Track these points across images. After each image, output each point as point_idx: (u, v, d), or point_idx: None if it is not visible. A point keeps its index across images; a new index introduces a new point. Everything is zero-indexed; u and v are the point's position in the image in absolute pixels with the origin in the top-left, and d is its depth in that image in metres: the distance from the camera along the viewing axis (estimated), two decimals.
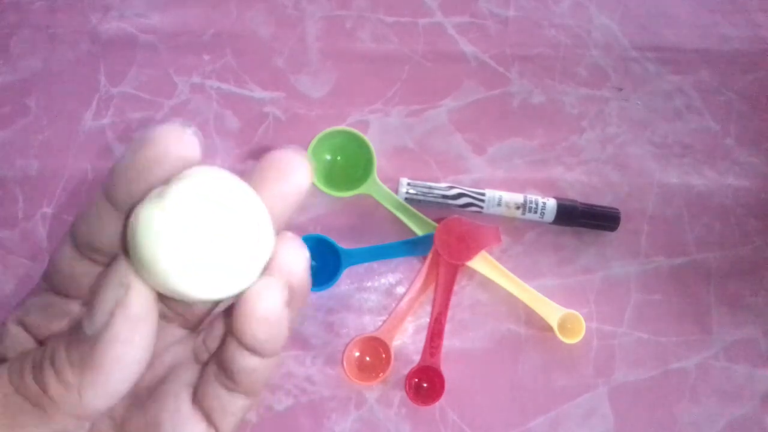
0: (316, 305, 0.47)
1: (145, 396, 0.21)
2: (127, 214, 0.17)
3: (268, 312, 0.17)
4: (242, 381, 0.19)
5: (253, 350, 0.18)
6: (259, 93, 0.51)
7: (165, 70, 0.51)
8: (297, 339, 0.46)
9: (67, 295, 0.20)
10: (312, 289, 0.47)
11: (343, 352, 0.45)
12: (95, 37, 0.52)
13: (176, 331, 0.22)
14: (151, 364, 0.19)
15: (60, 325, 0.20)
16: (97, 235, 0.18)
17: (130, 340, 0.16)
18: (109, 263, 0.18)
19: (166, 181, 0.17)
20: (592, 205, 0.49)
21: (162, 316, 0.22)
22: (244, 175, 0.19)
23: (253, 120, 0.51)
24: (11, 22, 0.52)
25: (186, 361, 0.21)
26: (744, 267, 0.50)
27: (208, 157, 0.53)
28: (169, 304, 0.21)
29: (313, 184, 0.47)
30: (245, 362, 0.18)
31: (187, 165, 0.17)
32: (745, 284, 0.49)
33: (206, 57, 0.52)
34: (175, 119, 0.18)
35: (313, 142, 0.46)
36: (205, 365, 0.21)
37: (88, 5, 0.53)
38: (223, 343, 0.19)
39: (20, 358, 0.18)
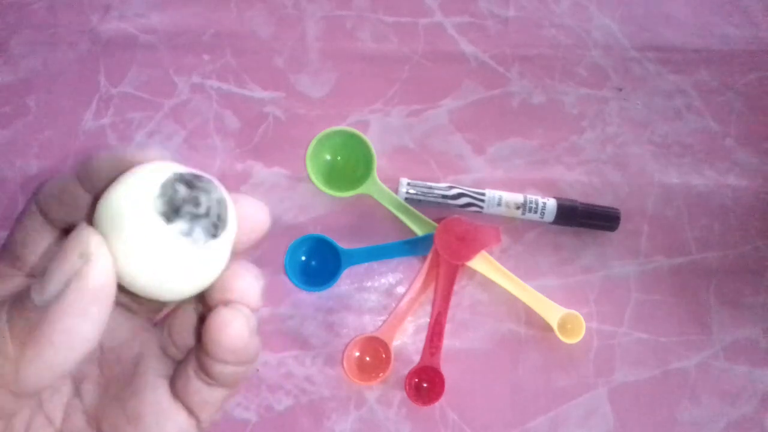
0: (316, 305, 0.47)
1: (116, 387, 0.21)
2: (95, 197, 0.17)
3: (236, 342, 0.18)
4: (221, 380, 0.19)
5: (227, 364, 0.19)
6: (259, 93, 0.51)
7: (165, 70, 0.51)
8: (297, 339, 0.46)
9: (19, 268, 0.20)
10: (312, 289, 0.47)
11: (343, 352, 0.45)
12: (95, 37, 0.52)
13: (141, 323, 0.22)
14: (120, 354, 0.20)
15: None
16: (67, 207, 0.19)
17: (84, 313, 0.15)
18: (68, 230, 0.17)
19: (133, 170, 0.17)
20: (592, 205, 0.49)
21: (126, 308, 0.22)
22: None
23: (253, 120, 0.51)
24: (11, 22, 0.52)
25: (155, 353, 0.21)
26: (744, 267, 0.50)
27: (208, 157, 0.54)
28: (133, 297, 0.21)
29: (313, 184, 0.47)
30: (221, 368, 0.19)
31: (159, 157, 0.18)
32: (745, 284, 0.49)
33: (206, 57, 0.52)
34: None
35: (313, 142, 0.46)
36: (179, 361, 0.21)
37: (88, 5, 0.53)
38: (199, 347, 0.19)
39: None
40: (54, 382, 0.17)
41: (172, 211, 0.16)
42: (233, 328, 0.17)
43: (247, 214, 0.19)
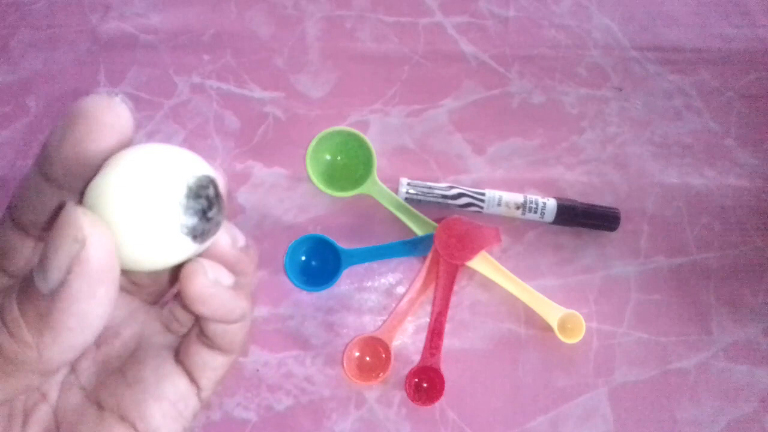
0: (316, 305, 0.47)
1: (116, 362, 0.21)
2: (82, 189, 0.17)
3: (199, 291, 0.18)
4: (218, 341, 0.21)
5: (210, 320, 0.20)
6: (259, 93, 0.51)
7: (165, 70, 0.51)
8: (297, 339, 0.46)
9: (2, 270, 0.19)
10: (312, 289, 0.47)
11: (343, 352, 0.45)
12: (95, 37, 0.52)
13: (139, 303, 0.23)
14: (119, 332, 0.21)
15: None
16: (34, 208, 0.18)
17: (92, 296, 0.15)
18: (55, 212, 0.17)
19: (115, 154, 0.17)
20: (592, 205, 0.49)
21: (124, 290, 0.23)
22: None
23: (253, 120, 0.51)
24: (11, 22, 0.52)
25: (157, 329, 0.22)
26: (744, 267, 0.50)
27: (208, 157, 0.54)
28: (128, 277, 0.22)
29: (313, 184, 0.47)
30: (213, 327, 0.20)
31: (120, 133, 0.17)
32: (745, 284, 0.49)
33: (206, 57, 0.52)
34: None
35: (313, 142, 0.46)
36: (183, 335, 0.22)
37: (88, 5, 0.53)
38: None
39: None
40: (77, 356, 0.17)
41: (198, 216, 0.17)
42: (196, 279, 0.18)
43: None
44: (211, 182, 0.18)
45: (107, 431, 0.20)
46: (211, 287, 0.18)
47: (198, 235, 0.17)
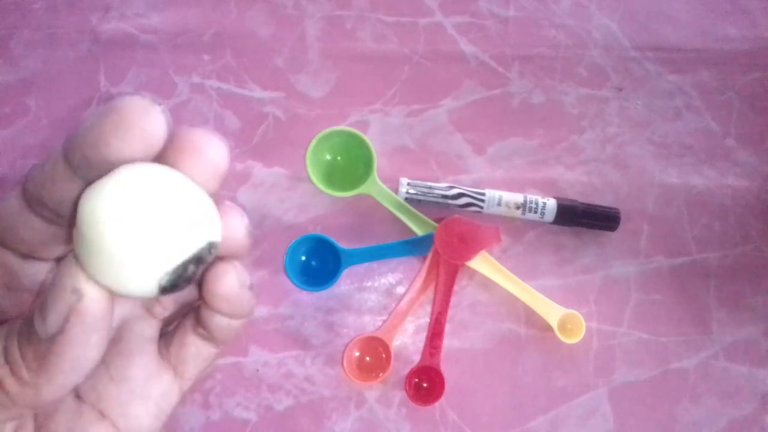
0: (316, 305, 0.47)
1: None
2: (75, 201, 0.17)
3: (227, 292, 0.19)
4: (217, 334, 0.21)
5: (224, 316, 0.20)
6: (259, 93, 0.51)
7: (165, 70, 0.51)
8: (297, 339, 0.46)
9: (2, 244, 0.19)
10: (312, 289, 0.47)
11: (343, 352, 0.45)
12: (95, 37, 0.52)
13: None
14: None
15: None
16: (49, 192, 0.18)
17: (87, 343, 0.16)
18: (62, 221, 0.18)
19: (111, 171, 0.16)
20: (592, 205, 0.49)
21: None
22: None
23: (253, 120, 0.51)
24: (11, 22, 0.52)
25: (139, 314, 0.22)
26: (744, 267, 0.50)
27: None
28: None
29: (313, 184, 0.47)
30: (218, 320, 0.20)
31: (149, 142, 0.16)
32: (745, 284, 0.49)
33: (206, 57, 0.52)
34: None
35: (313, 142, 0.46)
36: (165, 319, 0.22)
37: (88, 5, 0.53)
38: (199, 304, 0.21)
39: None
40: (67, 394, 0.18)
41: (171, 288, 0.17)
42: (226, 279, 0.19)
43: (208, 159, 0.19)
44: (210, 250, 0.17)
45: (86, 426, 0.20)
46: (239, 288, 0.19)
47: (170, 290, 0.17)
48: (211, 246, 0.17)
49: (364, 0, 0.54)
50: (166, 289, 0.17)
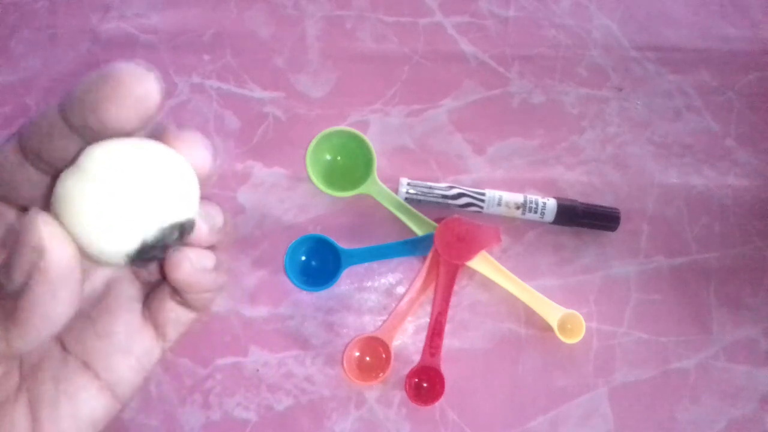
0: (316, 305, 0.47)
1: (85, 304, 0.21)
2: (53, 176, 0.17)
3: (185, 279, 0.19)
4: (193, 304, 0.22)
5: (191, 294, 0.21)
6: (259, 93, 0.51)
7: (165, 70, 0.51)
8: (297, 339, 0.46)
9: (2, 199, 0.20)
10: (312, 289, 0.47)
11: (343, 352, 0.45)
12: (95, 37, 0.52)
13: None
14: (89, 276, 0.21)
15: None
16: (47, 147, 0.18)
17: (54, 298, 0.16)
18: (54, 173, 0.18)
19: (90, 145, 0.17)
20: (592, 205, 0.49)
21: None
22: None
23: (253, 120, 0.51)
24: (11, 22, 0.52)
25: (126, 276, 0.22)
26: (744, 267, 0.50)
27: None
28: None
29: (313, 184, 0.47)
30: (189, 295, 0.21)
31: (143, 109, 0.17)
32: (745, 284, 0.49)
33: (206, 57, 0.52)
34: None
35: (313, 142, 0.46)
36: (151, 283, 0.23)
37: (88, 5, 0.53)
38: None
39: None
40: (44, 343, 0.18)
41: (141, 260, 0.17)
42: (182, 269, 0.19)
43: (193, 161, 0.19)
44: (179, 228, 0.18)
45: (70, 375, 0.20)
46: (196, 274, 0.20)
47: (144, 262, 0.18)
48: (182, 225, 0.18)
49: (364, 0, 0.54)
50: (134, 257, 0.17)
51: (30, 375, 0.20)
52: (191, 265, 0.19)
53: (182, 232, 0.18)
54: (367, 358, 0.46)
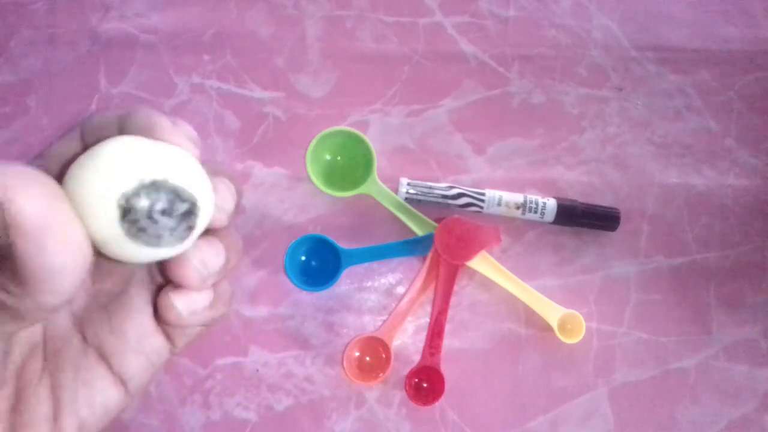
0: (316, 305, 0.47)
1: (105, 297, 0.22)
2: (61, 170, 0.18)
3: (177, 321, 0.20)
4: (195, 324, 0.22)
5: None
6: (259, 93, 0.51)
7: (165, 70, 0.51)
8: (297, 339, 0.46)
9: None
10: (312, 289, 0.47)
11: (343, 352, 0.45)
12: (95, 37, 0.52)
13: None
14: (112, 271, 0.22)
15: None
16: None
17: (43, 249, 0.15)
18: None
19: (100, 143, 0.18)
20: (592, 205, 0.49)
21: None
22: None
23: (253, 120, 0.51)
24: (11, 22, 0.52)
25: (143, 277, 0.23)
26: (744, 267, 0.50)
27: (208, 157, 0.54)
28: None
29: (313, 184, 0.47)
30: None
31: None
32: (745, 284, 0.49)
33: (206, 57, 0.52)
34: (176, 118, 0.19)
35: (313, 142, 0.46)
36: (161, 286, 0.23)
37: (88, 5, 0.53)
38: None
39: None
40: (77, 290, 0.17)
41: (137, 231, 0.17)
42: (173, 311, 0.20)
43: (218, 201, 0.20)
44: (170, 196, 0.17)
45: (88, 365, 0.21)
46: (189, 320, 0.21)
47: (155, 244, 0.17)
48: (175, 191, 0.17)
49: (364, 0, 0.54)
50: (122, 217, 0.17)
51: (52, 360, 0.21)
52: (179, 316, 0.20)
53: (182, 210, 0.18)
54: (367, 358, 0.46)
